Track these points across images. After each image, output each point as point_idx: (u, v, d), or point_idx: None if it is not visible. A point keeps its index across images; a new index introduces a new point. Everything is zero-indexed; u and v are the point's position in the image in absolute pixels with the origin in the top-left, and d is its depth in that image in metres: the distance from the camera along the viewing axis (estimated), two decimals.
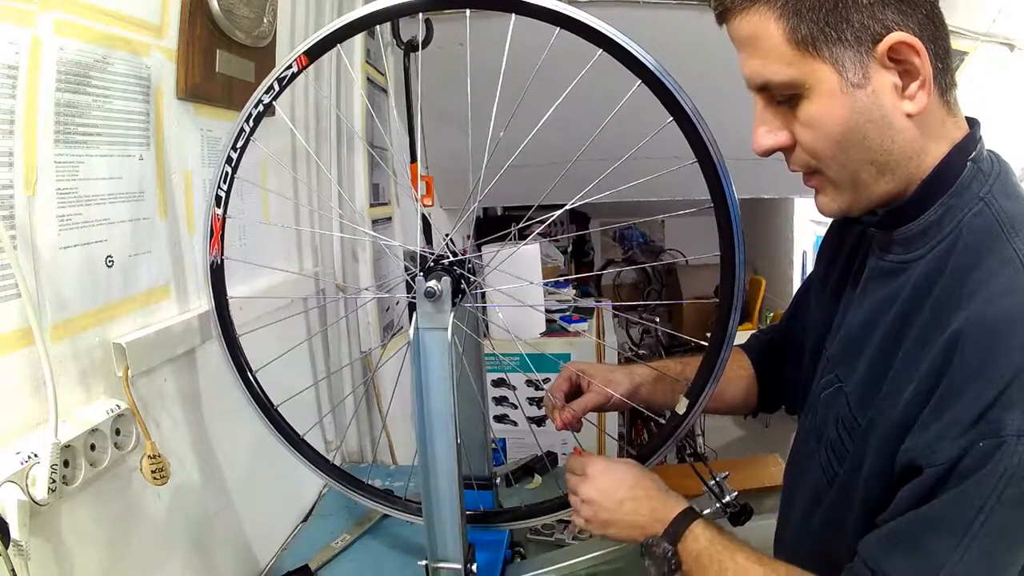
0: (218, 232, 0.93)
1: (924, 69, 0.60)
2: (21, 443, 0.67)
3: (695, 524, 0.74)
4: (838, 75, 0.61)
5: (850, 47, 0.60)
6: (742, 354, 1.04)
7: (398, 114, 1.77)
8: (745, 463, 3.12)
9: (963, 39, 2.06)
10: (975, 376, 0.55)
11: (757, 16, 0.63)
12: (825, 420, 0.76)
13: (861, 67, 0.61)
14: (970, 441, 0.54)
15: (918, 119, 0.62)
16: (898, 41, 0.59)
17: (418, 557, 0.89)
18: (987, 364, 0.55)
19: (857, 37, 0.60)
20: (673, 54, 0.78)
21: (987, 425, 0.53)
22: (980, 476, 0.53)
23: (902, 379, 0.63)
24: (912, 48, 0.60)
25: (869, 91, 0.61)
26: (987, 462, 0.53)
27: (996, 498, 0.53)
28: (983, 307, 0.57)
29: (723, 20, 0.67)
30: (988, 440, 0.53)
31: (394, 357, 1.84)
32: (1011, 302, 0.56)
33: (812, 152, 0.66)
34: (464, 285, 0.86)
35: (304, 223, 1.45)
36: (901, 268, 0.69)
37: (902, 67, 0.61)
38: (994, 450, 0.53)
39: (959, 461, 0.54)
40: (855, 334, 0.74)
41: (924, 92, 0.61)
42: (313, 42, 0.84)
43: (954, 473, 0.55)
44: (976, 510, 0.54)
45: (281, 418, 1.01)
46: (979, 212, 0.63)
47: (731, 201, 0.74)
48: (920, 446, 0.58)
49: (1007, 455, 0.52)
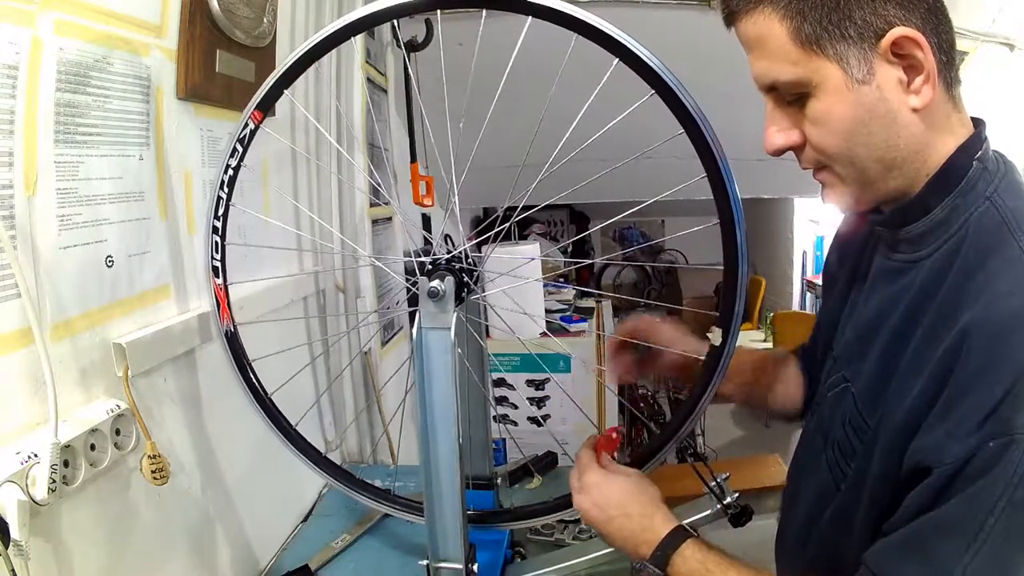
0: (223, 301, 0.94)
1: (928, 63, 0.60)
2: (21, 443, 0.67)
3: (684, 546, 0.72)
4: (843, 72, 0.62)
5: (854, 44, 0.61)
6: (794, 359, 1.02)
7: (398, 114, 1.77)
8: (745, 463, 3.13)
9: (963, 39, 2.06)
10: (982, 375, 0.55)
11: (762, 17, 0.64)
12: (832, 419, 0.76)
13: (865, 63, 0.61)
14: (979, 441, 0.53)
15: (924, 114, 0.63)
16: (901, 36, 0.60)
17: (418, 557, 0.89)
18: (994, 362, 0.54)
19: (860, 34, 0.61)
20: (673, 54, 0.78)
21: (996, 424, 0.53)
22: (990, 477, 0.53)
23: (909, 379, 0.62)
24: (915, 42, 0.60)
25: (874, 87, 0.62)
26: (997, 462, 0.52)
27: (1007, 500, 0.52)
28: (989, 306, 0.57)
29: (730, 23, 0.68)
30: (998, 440, 0.53)
31: (394, 356, 1.85)
32: (1018, 301, 0.56)
33: (821, 149, 0.66)
34: (467, 279, 0.86)
35: (304, 223, 1.44)
36: (908, 267, 0.69)
37: (906, 62, 0.61)
38: (1004, 450, 0.52)
39: (968, 462, 0.54)
40: (862, 333, 0.74)
41: (929, 86, 0.61)
42: (263, 93, 0.87)
43: (963, 474, 0.54)
44: (986, 512, 0.53)
45: (301, 437, 1.02)
46: (986, 211, 0.63)
47: (735, 204, 0.74)
48: (928, 447, 0.57)
49: (1017, 454, 0.52)
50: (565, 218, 5.44)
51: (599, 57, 0.74)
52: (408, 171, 1.79)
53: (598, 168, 0.85)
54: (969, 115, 0.68)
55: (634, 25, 0.72)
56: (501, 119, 0.91)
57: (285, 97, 0.89)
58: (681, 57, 0.81)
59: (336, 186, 1.54)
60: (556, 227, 5.32)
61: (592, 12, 0.72)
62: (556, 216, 5.37)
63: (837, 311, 0.83)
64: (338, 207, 1.56)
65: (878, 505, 0.64)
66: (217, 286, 0.94)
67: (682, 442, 0.90)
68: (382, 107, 1.92)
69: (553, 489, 0.92)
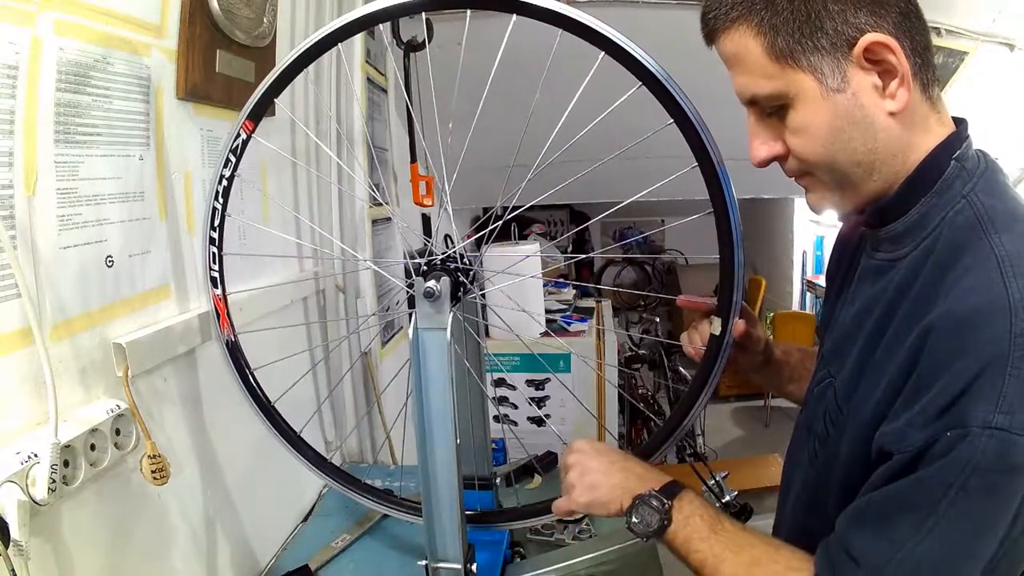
0: (223, 312, 0.95)
1: (902, 66, 0.62)
2: (21, 443, 0.67)
3: (688, 490, 0.76)
4: (818, 82, 0.63)
5: (827, 54, 0.62)
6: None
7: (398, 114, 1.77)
8: (745, 463, 3.13)
9: (963, 39, 2.06)
10: (944, 368, 0.56)
11: (738, 34, 0.66)
12: (815, 414, 0.78)
13: (839, 72, 0.63)
14: (936, 431, 0.55)
15: (901, 117, 0.64)
16: (872, 42, 0.61)
17: (418, 557, 0.89)
18: (955, 357, 0.56)
19: (833, 43, 0.62)
20: (673, 55, 0.79)
21: (954, 417, 0.55)
22: (945, 462, 0.55)
23: (880, 371, 0.64)
24: (887, 47, 0.61)
25: (849, 94, 0.63)
26: (952, 450, 0.55)
27: (961, 485, 0.55)
28: (955, 302, 0.58)
29: (710, 41, 0.70)
30: (954, 431, 0.55)
31: (395, 356, 1.85)
32: (982, 297, 0.57)
33: (802, 158, 0.68)
34: (463, 279, 0.86)
35: (304, 224, 1.44)
36: (889, 266, 0.70)
37: (880, 67, 0.62)
38: (959, 440, 0.54)
39: (927, 450, 0.56)
40: (846, 331, 0.75)
41: (904, 89, 0.63)
42: (253, 103, 0.88)
43: (921, 459, 0.57)
44: (940, 495, 0.55)
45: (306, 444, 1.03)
46: (961, 210, 0.64)
47: (730, 200, 0.75)
48: (890, 433, 0.60)
49: (972, 445, 0.54)
50: (565, 218, 5.44)
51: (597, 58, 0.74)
52: (408, 171, 1.79)
53: (601, 167, 0.85)
54: (953, 115, 0.69)
55: (634, 25, 0.73)
56: (499, 119, 0.91)
57: (286, 95, 0.89)
58: (681, 58, 0.81)
59: (336, 187, 1.54)
60: (556, 227, 5.32)
61: (591, 12, 0.73)
62: (556, 216, 5.38)
63: (829, 310, 0.85)
64: (338, 208, 1.56)
65: (848, 491, 0.66)
66: (216, 297, 0.94)
67: (681, 442, 0.90)
68: (382, 107, 1.92)
69: (553, 489, 0.92)
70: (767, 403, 4.67)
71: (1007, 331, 0.55)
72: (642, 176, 0.85)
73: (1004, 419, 0.53)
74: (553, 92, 0.82)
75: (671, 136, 0.75)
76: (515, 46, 0.78)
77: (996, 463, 0.53)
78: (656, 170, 0.83)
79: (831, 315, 0.84)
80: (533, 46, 0.77)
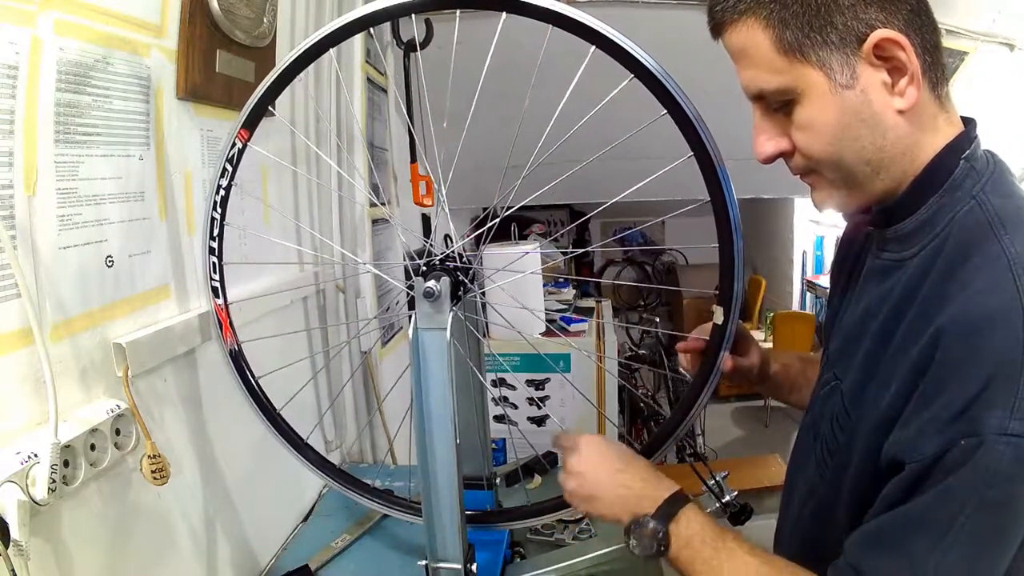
0: (225, 321, 0.95)
1: (911, 64, 0.61)
2: (21, 443, 0.67)
3: (687, 507, 0.74)
4: (827, 78, 0.62)
5: (836, 49, 0.61)
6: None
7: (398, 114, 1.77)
8: (745, 463, 3.13)
9: (963, 39, 2.06)
10: (955, 373, 0.55)
11: (745, 28, 0.64)
12: (821, 417, 0.76)
13: (848, 68, 0.62)
14: (950, 438, 0.54)
15: (909, 115, 0.63)
16: (882, 38, 0.60)
17: (418, 557, 0.89)
18: (967, 361, 0.55)
19: (842, 39, 0.61)
20: (673, 55, 0.79)
21: (967, 424, 0.53)
22: (961, 475, 0.53)
23: (889, 375, 0.63)
24: (897, 44, 0.60)
25: (858, 91, 0.62)
26: (967, 461, 0.53)
27: (978, 500, 0.53)
28: (965, 304, 0.57)
29: (717, 34, 0.69)
30: (969, 439, 0.53)
31: (395, 356, 1.85)
32: (994, 299, 0.56)
33: (809, 154, 0.67)
34: (463, 278, 0.86)
35: (304, 225, 1.44)
36: (896, 266, 0.69)
37: (890, 64, 0.61)
38: (974, 449, 0.53)
39: (940, 458, 0.54)
40: (851, 333, 0.74)
41: (914, 87, 0.62)
42: (247, 112, 0.88)
43: (935, 470, 0.55)
44: (957, 510, 0.54)
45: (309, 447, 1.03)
46: (971, 210, 0.63)
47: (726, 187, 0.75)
48: (902, 441, 0.58)
49: (988, 454, 0.52)
50: (565, 218, 5.44)
51: (597, 58, 0.74)
52: (408, 171, 1.79)
53: (593, 166, 0.85)
54: (960, 115, 0.68)
55: (634, 25, 0.73)
56: (498, 119, 0.91)
57: (286, 94, 0.89)
58: (682, 58, 0.81)
59: (336, 188, 1.54)
60: (556, 227, 5.32)
61: (591, 12, 0.72)
62: (556, 216, 5.38)
63: (836, 311, 0.84)
64: (338, 208, 1.56)
65: (858, 499, 0.65)
66: (218, 307, 0.94)
67: (681, 442, 0.90)
68: (382, 107, 1.92)
69: (553, 489, 0.92)
70: (767, 403, 4.67)
71: (1019, 334, 0.53)
72: (642, 176, 0.86)
73: (1020, 425, 0.52)
74: (551, 92, 0.82)
75: (671, 136, 0.75)
76: (515, 46, 0.78)
77: (1013, 471, 0.52)
78: (655, 170, 0.84)
79: (835, 315, 0.83)
80: (533, 46, 0.77)
